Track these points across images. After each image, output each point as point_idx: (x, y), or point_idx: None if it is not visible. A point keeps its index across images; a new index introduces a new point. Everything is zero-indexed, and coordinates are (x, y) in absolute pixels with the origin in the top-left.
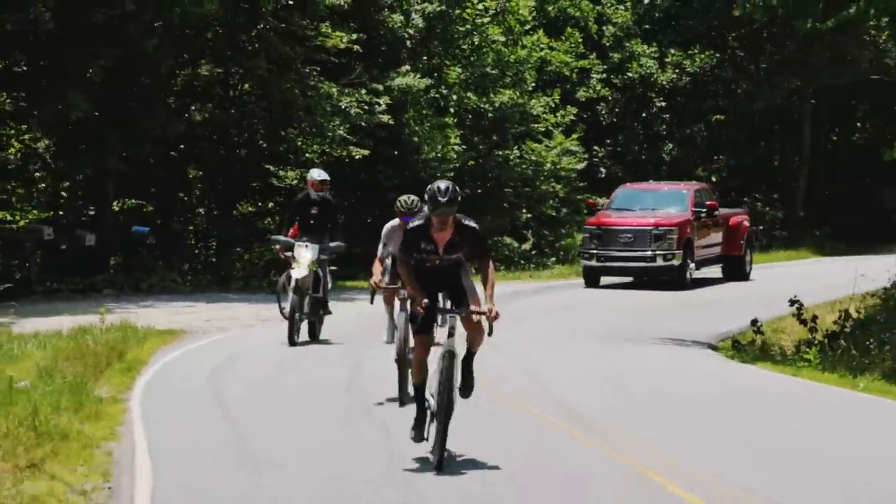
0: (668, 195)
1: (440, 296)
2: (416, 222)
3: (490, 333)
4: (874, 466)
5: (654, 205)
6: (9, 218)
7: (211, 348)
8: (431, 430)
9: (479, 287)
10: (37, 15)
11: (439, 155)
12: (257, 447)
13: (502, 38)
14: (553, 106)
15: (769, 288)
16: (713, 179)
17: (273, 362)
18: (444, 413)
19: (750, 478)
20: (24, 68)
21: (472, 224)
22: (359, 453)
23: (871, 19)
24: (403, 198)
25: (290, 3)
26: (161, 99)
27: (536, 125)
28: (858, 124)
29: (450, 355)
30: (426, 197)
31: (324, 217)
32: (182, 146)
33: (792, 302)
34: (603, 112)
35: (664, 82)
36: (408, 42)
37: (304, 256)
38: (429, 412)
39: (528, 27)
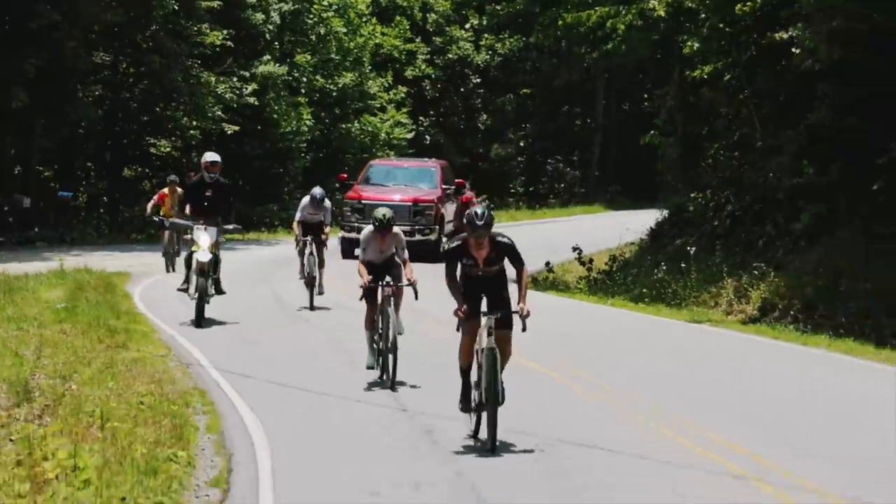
0: (419, 172)
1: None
2: (454, 244)
3: (524, 329)
4: (596, 338)
5: (406, 181)
6: None
7: (163, 282)
8: (473, 419)
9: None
10: None
11: (294, 128)
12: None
13: (343, 29)
14: (387, 85)
15: (562, 238)
16: (521, 144)
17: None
18: (493, 404)
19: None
20: None
21: (507, 240)
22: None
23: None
24: (379, 213)
25: (176, 7)
26: (76, 89)
27: (373, 102)
28: (645, 95)
29: (491, 352)
30: (465, 220)
31: (217, 198)
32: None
33: (574, 248)
34: (427, 88)
35: (479, 62)
36: (267, 35)
37: (204, 239)
38: (474, 402)
39: (364, 18)
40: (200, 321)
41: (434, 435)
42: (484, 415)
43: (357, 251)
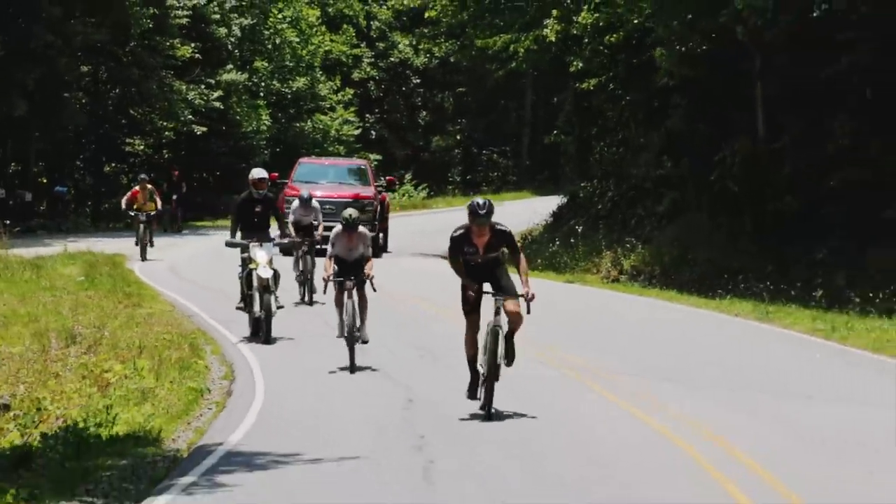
0: (349, 170)
1: (486, 285)
2: (458, 232)
3: (528, 312)
4: None
5: (338, 178)
6: None
7: (154, 262)
8: (481, 392)
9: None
10: None
11: (255, 128)
12: (195, 277)
13: (296, 38)
14: (335, 87)
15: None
16: (458, 137)
17: (200, 267)
18: (491, 378)
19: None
20: None
21: (505, 228)
22: None
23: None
24: (346, 213)
25: (151, 25)
26: (67, 98)
27: (323, 102)
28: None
29: (494, 331)
30: (468, 210)
31: (266, 214)
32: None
33: None
34: (372, 88)
35: (418, 64)
36: (229, 47)
37: (261, 256)
38: (480, 378)
39: (314, 28)
40: (269, 337)
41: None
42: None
43: (331, 248)
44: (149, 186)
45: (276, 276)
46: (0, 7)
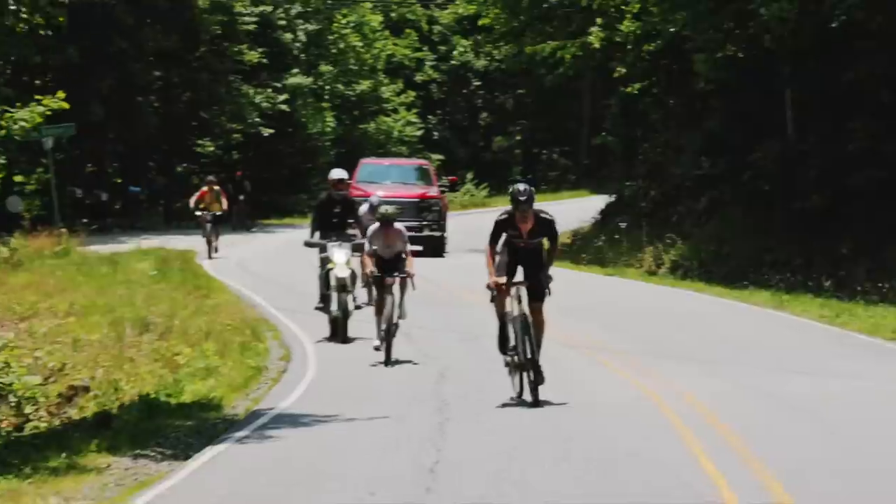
0: (412, 170)
1: (519, 269)
2: (502, 216)
3: (549, 293)
4: None
5: (401, 179)
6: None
7: (221, 258)
8: (525, 378)
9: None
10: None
11: (319, 130)
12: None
13: (360, 43)
14: (398, 90)
15: None
16: (518, 138)
17: (268, 260)
18: (532, 366)
19: None
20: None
21: (549, 217)
22: None
23: None
24: (382, 210)
25: (220, 31)
26: (141, 102)
27: (386, 104)
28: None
29: (523, 318)
30: (510, 197)
31: (345, 215)
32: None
33: None
34: (434, 90)
35: (479, 67)
36: (295, 52)
37: (339, 256)
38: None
39: (377, 33)
40: (345, 337)
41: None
42: (525, 375)
43: (369, 245)
44: (216, 187)
45: (353, 276)
46: (76, 16)
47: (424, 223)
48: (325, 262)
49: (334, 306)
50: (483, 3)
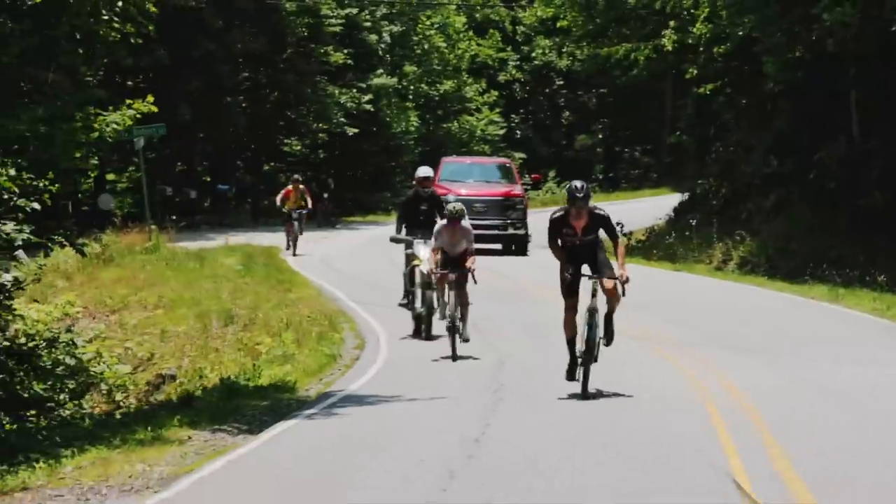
0: (494, 169)
1: (584, 267)
2: (557, 214)
3: (623, 294)
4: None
5: (484, 177)
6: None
7: (306, 253)
8: (580, 374)
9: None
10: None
11: (403, 129)
12: (342, 267)
13: (444, 44)
14: (481, 90)
15: (625, 216)
16: (600, 136)
17: (345, 257)
18: (588, 358)
19: None
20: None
21: (604, 213)
22: None
23: None
24: (450, 206)
25: (306, 33)
26: (228, 103)
27: (469, 104)
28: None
29: (591, 312)
30: (566, 194)
31: (432, 212)
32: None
33: (617, 223)
34: (517, 90)
35: (562, 67)
36: (380, 52)
37: (424, 252)
38: (578, 359)
39: (461, 34)
40: (430, 334)
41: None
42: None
43: (435, 242)
44: (300, 186)
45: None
46: (165, 20)
47: (508, 221)
48: (410, 258)
49: (418, 303)
50: (561, 5)
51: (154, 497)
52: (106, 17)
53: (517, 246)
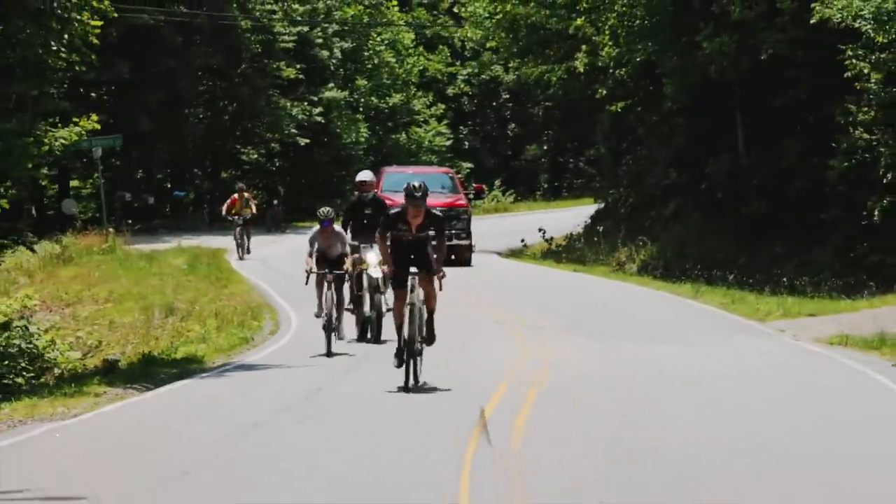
0: (437, 178)
1: (412, 261)
2: (395, 210)
3: (441, 289)
4: (510, 278)
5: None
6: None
7: (252, 256)
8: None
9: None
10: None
11: (353, 140)
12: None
13: (393, 59)
14: (429, 103)
15: (553, 223)
16: (545, 147)
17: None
18: (410, 353)
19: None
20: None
21: (439, 213)
22: None
23: None
24: (322, 210)
25: (259, 50)
26: (186, 114)
27: (418, 116)
28: None
29: (412, 307)
30: (404, 192)
31: (376, 216)
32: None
33: (539, 230)
34: (466, 103)
35: (508, 81)
36: (331, 67)
37: (372, 258)
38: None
39: (409, 50)
40: (379, 337)
41: None
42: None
43: (310, 247)
44: (245, 194)
45: (385, 276)
46: (127, 38)
47: (453, 232)
48: (359, 262)
49: (367, 307)
50: (490, 28)
51: (63, 422)
52: (54, 48)
53: (458, 257)
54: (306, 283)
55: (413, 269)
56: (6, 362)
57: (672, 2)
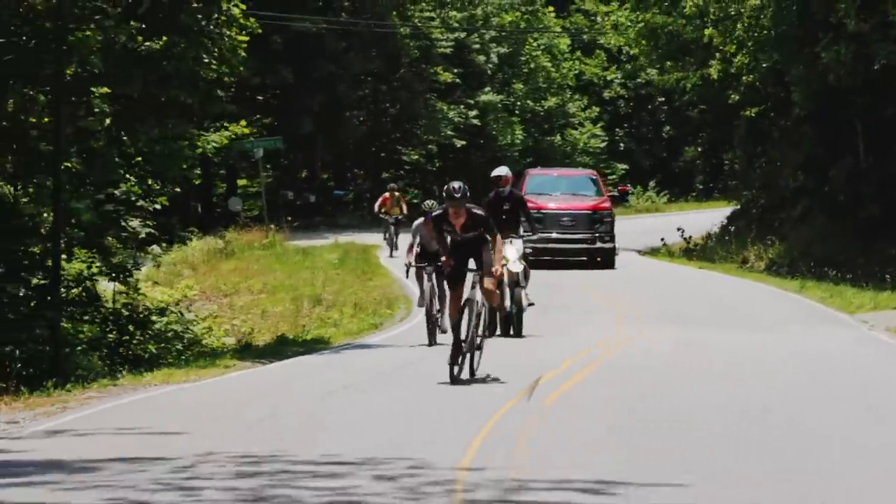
0: (580, 181)
1: (470, 261)
2: (437, 212)
3: (494, 287)
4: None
5: (571, 189)
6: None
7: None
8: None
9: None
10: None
11: (509, 142)
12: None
13: (549, 64)
14: (584, 106)
15: (695, 224)
16: (699, 150)
17: None
18: (470, 346)
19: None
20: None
21: (480, 212)
22: None
23: None
24: (427, 202)
25: (418, 55)
26: (347, 117)
27: (573, 119)
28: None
29: (470, 303)
30: (444, 193)
31: (515, 211)
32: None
33: (678, 229)
34: (621, 105)
35: (663, 85)
36: (488, 72)
37: (511, 252)
38: (463, 345)
39: (565, 55)
40: (520, 331)
41: None
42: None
43: (413, 239)
44: (396, 194)
45: (525, 271)
46: (290, 45)
47: (596, 235)
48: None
49: (507, 302)
50: (632, 37)
51: (189, 384)
52: (206, 61)
53: (603, 258)
54: (406, 277)
55: (471, 267)
56: (162, 344)
57: (797, 13)
